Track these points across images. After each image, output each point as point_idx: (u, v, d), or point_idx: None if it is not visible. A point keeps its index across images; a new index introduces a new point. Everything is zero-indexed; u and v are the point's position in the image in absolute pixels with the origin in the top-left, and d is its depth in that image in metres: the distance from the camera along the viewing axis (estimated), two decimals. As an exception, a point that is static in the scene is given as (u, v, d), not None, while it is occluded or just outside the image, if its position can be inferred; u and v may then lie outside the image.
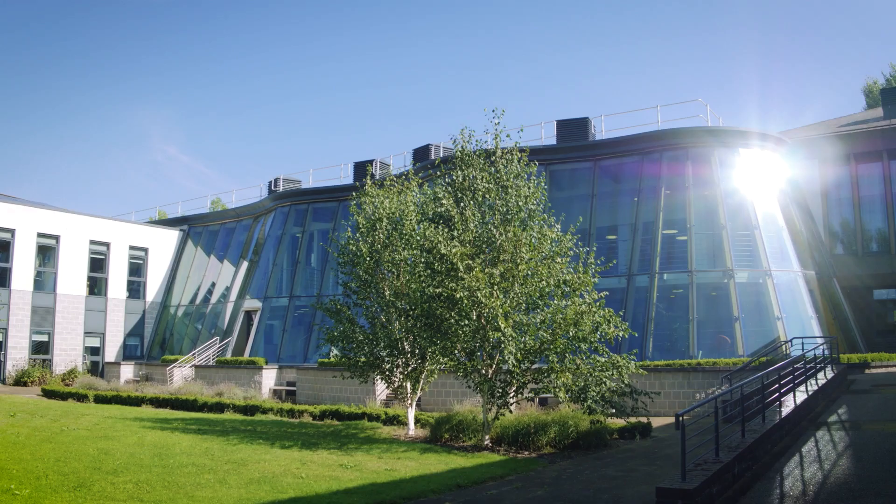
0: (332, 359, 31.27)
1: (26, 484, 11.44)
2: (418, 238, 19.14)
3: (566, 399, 15.56)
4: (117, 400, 29.88)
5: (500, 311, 15.28)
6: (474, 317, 15.92)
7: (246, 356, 36.70)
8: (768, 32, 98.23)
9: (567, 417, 16.78)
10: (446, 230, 16.68)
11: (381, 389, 28.44)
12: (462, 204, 16.91)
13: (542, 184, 17.54)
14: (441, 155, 36.42)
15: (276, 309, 38.72)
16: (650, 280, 28.46)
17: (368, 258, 19.46)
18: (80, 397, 30.84)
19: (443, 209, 16.98)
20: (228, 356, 37.37)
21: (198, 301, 43.74)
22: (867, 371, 23.32)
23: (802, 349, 23.70)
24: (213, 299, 42.81)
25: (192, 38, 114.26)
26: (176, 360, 36.76)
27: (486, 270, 15.86)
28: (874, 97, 59.27)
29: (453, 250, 15.75)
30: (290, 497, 10.72)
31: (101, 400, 30.24)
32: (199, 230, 46.63)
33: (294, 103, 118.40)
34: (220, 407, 26.65)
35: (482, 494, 11.23)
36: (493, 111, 17.89)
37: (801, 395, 16.19)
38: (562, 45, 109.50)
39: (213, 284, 43.63)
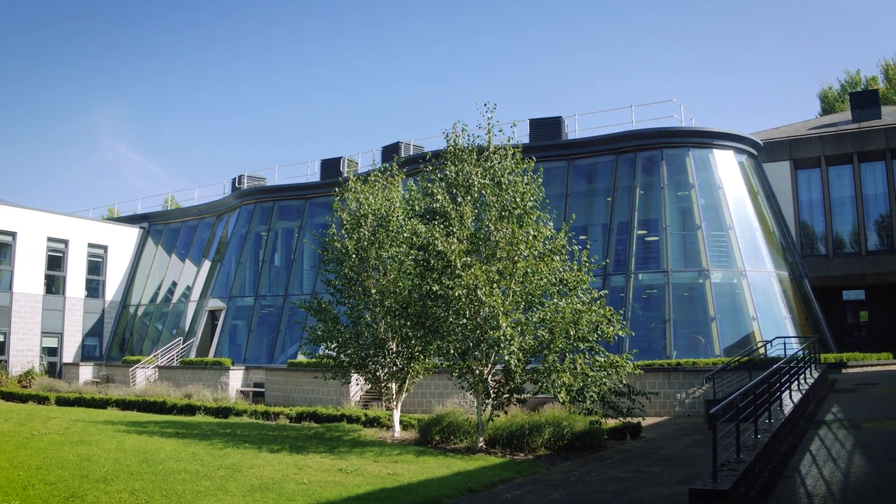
0: (304, 359, 30.71)
1: (12, 495, 10.75)
2: (406, 234, 18.75)
3: (566, 400, 15.31)
4: (81, 402, 28.84)
5: (502, 309, 14.96)
6: (469, 315, 15.60)
7: (210, 357, 35.81)
8: (728, 37, 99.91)
9: (561, 418, 16.53)
10: (442, 226, 16.32)
11: (356, 391, 27.93)
12: (459, 199, 16.57)
13: (539, 180, 17.29)
14: (412, 153, 36.04)
15: (241, 309, 37.87)
16: (626, 280, 28.48)
17: (354, 255, 18.96)
18: (41, 399, 29.71)
19: (437, 205, 16.59)
20: (192, 357, 36.42)
21: (159, 300, 42.59)
22: (844, 371, 23.62)
23: (784, 350, 23.92)
24: (175, 299, 41.72)
25: (148, 35, 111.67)
26: (138, 361, 35.68)
27: (484, 268, 15.54)
28: (829, 102, 60.65)
29: (452, 247, 15.41)
30: (300, 506, 10.25)
31: (63, 402, 29.16)
32: (159, 228, 45.42)
33: (253, 103, 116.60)
34: (190, 409, 25.88)
35: (497, 499, 10.89)
36: (486, 105, 17.57)
37: (796, 395, 16.24)
38: (533, 47, 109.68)
39: (175, 283, 42.53)
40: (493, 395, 16.31)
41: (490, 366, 16.33)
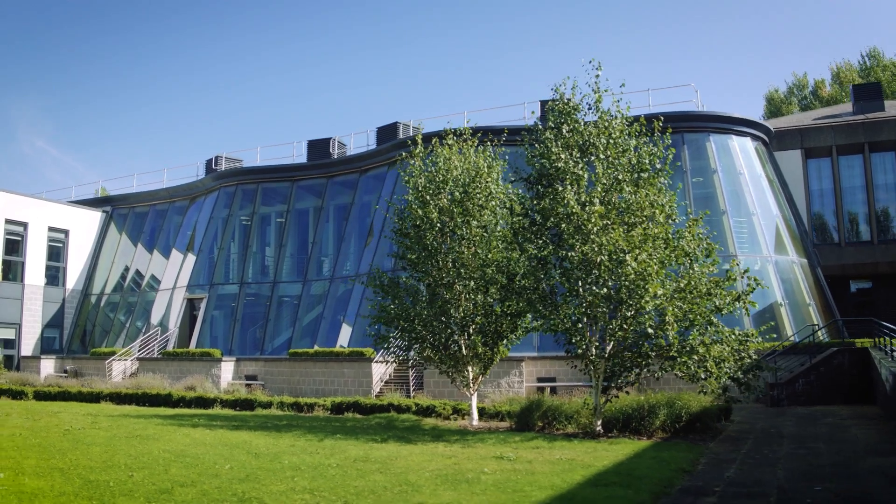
0: (369, 350, 28.73)
1: (158, 501, 8.86)
2: (497, 200, 17.47)
3: (718, 375, 14.32)
4: (65, 396, 26.20)
5: (656, 276, 13.86)
6: (608, 284, 14.41)
7: (193, 348, 33.27)
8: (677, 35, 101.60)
9: (674, 398, 15.59)
10: (572, 188, 15.14)
11: (377, 379, 26.29)
12: (592, 157, 15.43)
13: (668, 141, 16.29)
14: (410, 134, 34.42)
15: (224, 297, 35.38)
16: (651, 265, 27.77)
17: (439, 225, 17.30)
18: (16, 394, 26.84)
19: (561, 163, 15.34)
20: (170, 348, 33.79)
21: (124, 289, 39.44)
22: (887, 355, 23.48)
23: (841, 333, 23.63)
24: (143, 287, 38.70)
25: (86, 23, 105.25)
26: (111, 354, 32.77)
27: (625, 233, 14.44)
28: (776, 104, 62.02)
29: (595, 209, 14.23)
30: (547, 497, 8.76)
31: (43, 397, 26.44)
32: (123, 212, 42.10)
33: (200, 90, 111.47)
34: (203, 402, 23.67)
35: (723, 478, 9.69)
36: (591, 62, 16.43)
37: None
38: (542, 34, 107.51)
39: (142, 271, 39.45)
40: (612, 375, 15.13)
41: (613, 343, 15.12)
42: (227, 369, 30.12)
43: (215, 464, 11.38)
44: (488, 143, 18.81)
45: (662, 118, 17.00)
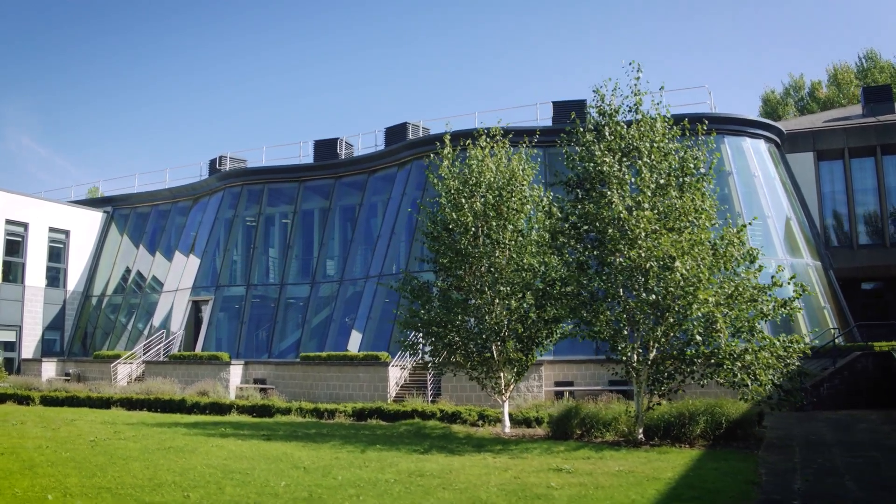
0: (384, 355, 28.36)
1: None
2: (532, 204, 17.24)
3: (767, 382, 14.16)
4: (73, 402, 25.61)
5: (706, 282, 13.70)
6: (656, 290, 14.20)
7: (199, 351, 32.82)
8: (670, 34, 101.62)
9: (713, 405, 15.41)
10: (618, 191, 14.94)
11: (393, 383, 25.99)
12: (636, 160, 15.25)
13: (712, 145, 16.13)
14: (420, 135, 34.12)
15: (230, 299, 34.92)
16: (665, 268, 27.62)
17: (473, 228, 17.01)
18: (23, 399, 26.26)
19: (606, 167, 15.11)
20: (175, 351, 33.32)
21: (126, 291, 38.88)
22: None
23: (854, 337, 23.54)
24: (145, 289, 38.15)
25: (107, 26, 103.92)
26: (116, 357, 32.19)
27: (672, 237, 14.26)
28: (772, 105, 62.11)
29: (643, 213, 14.02)
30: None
31: (51, 402, 25.85)
32: (125, 212, 41.49)
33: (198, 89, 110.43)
34: (219, 408, 23.27)
35: (793, 489, 9.49)
36: (631, 64, 16.21)
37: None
38: (553, 32, 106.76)
39: (145, 272, 38.90)
40: (654, 382, 14.95)
41: (656, 349, 14.93)
42: (235, 373, 29.71)
43: (268, 481, 11.01)
44: (522, 144, 18.53)
45: (707, 121, 16.83)
